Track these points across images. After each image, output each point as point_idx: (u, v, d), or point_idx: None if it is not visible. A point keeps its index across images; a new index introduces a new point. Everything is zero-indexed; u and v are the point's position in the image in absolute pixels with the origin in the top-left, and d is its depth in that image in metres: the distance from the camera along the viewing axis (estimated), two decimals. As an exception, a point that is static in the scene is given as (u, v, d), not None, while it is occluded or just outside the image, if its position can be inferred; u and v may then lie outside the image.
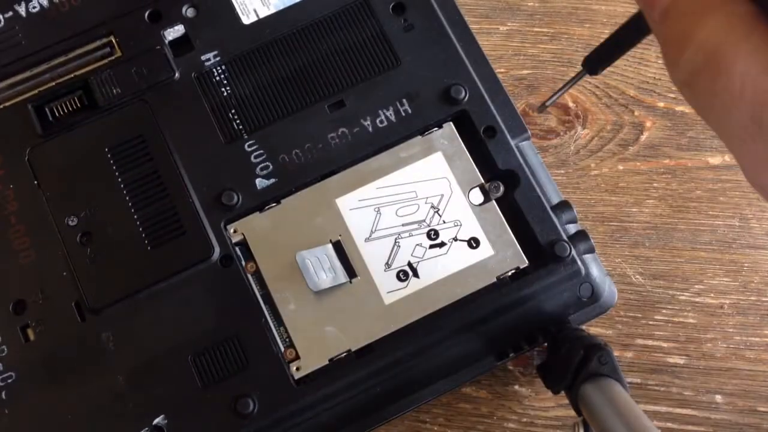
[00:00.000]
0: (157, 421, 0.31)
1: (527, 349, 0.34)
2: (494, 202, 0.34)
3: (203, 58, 0.36)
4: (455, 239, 0.33)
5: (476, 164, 0.34)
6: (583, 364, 0.32)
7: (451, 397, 0.38)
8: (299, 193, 0.34)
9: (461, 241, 0.33)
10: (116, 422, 0.31)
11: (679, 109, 0.42)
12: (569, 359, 0.33)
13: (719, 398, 0.38)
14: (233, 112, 0.35)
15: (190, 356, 0.32)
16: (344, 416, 0.32)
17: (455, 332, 0.33)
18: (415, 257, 0.33)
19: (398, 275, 0.33)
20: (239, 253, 0.33)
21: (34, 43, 0.36)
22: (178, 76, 0.35)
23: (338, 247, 0.33)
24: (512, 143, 0.34)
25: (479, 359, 0.33)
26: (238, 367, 0.32)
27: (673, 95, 0.42)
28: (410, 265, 0.33)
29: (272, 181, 0.34)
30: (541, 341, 0.34)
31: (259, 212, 0.34)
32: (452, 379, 0.33)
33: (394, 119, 0.35)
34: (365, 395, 0.32)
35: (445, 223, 0.33)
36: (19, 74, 0.36)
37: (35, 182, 0.34)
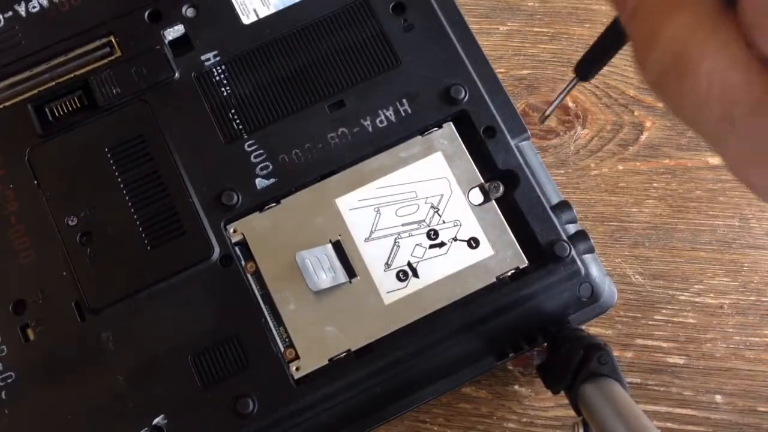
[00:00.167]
0: (157, 421, 0.31)
1: (527, 349, 0.34)
2: (494, 202, 0.34)
3: (203, 58, 0.36)
4: (455, 239, 0.33)
5: (476, 164, 0.34)
6: (582, 364, 0.32)
7: (451, 397, 0.38)
8: (299, 193, 0.34)
9: (461, 241, 0.33)
10: (116, 422, 0.31)
11: (679, 109, 0.42)
12: (569, 359, 0.33)
13: (719, 398, 0.38)
14: (233, 112, 0.35)
15: (190, 356, 0.32)
16: (344, 416, 0.32)
17: (455, 332, 0.33)
18: (414, 257, 0.33)
19: (398, 275, 0.33)
20: (239, 253, 0.33)
21: (34, 43, 0.36)
22: (178, 76, 0.35)
23: (338, 247, 0.33)
24: (512, 143, 0.34)
25: (479, 359, 0.33)
26: (238, 367, 0.32)
27: (673, 95, 0.42)
28: (410, 265, 0.33)
29: (272, 181, 0.34)
30: (540, 341, 0.34)
31: (259, 212, 0.34)
32: (452, 379, 0.33)
33: (394, 119, 0.35)
34: (365, 395, 0.32)
35: (444, 223, 0.33)
36: (19, 74, 0.36)
37: (35, 182, 0.34)
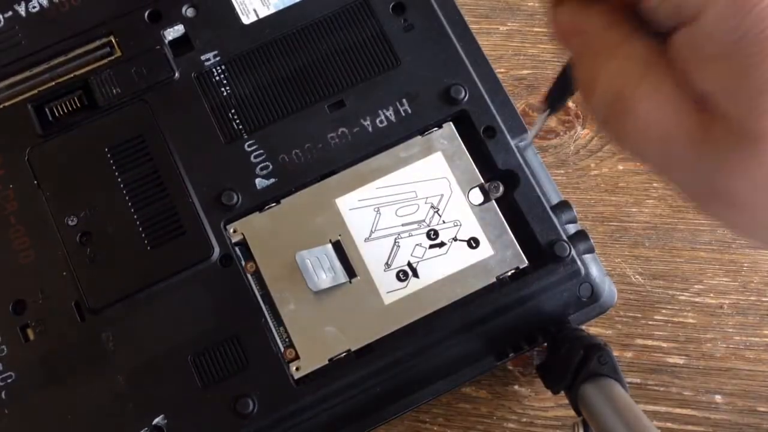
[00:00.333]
0: (157, 421, 0.31)
1: (527, 349, 0.34)
2: (494, 202, 0.34)
3: (203, 58, 0.36)
4: (455, 239, 0.33)
5: (476, 164, 0.34)
6: (582, 364, 0.32)
7: (450, 397, 0.38)
8: (299, 193, 0.34)
9: (461, 241, 0.33)
10: (116, 422, 0.31)
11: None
12: (569, 359, 0.33)
13: (719, 398, 0.38)
14: (233, 112, 0.35)
15: (190, 356, 0.32)
16: (344, 416, 0.32)
17: (455, 332, 0.33)
18: (414, 257, 0.33)
19: (398, 275, 0.33)
20: (239, 253, 0.33)
21: (34, 43, 0.36)
22: (178, 76, 0.35)
23: (338, 247, 0.33)
24: (512, 143, 0.34)
25: (479, 359, 0.33)
26: (238, 367, 0.32)
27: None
28: (410, 265, 0.33)
29: (272, 181, 0.34)
30: (540, 341, 0.34)
31: (258, 212, 0.34)
32: (452, 379, 0.33)
33: (394, 119, 0.35)
34: (365, 395, 0.32)
35: (444, 223, 0.33)
36: (18, 74, 0.35)
37: (35, 182, 0.34)
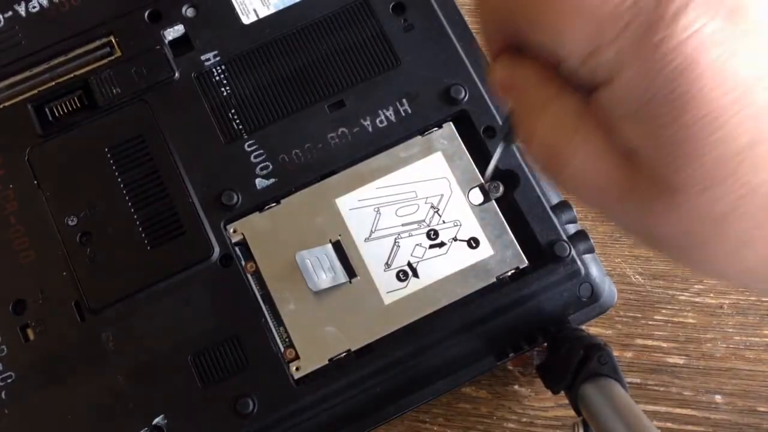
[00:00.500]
0: (157, 421, 0.31)
1: (527, 349, 0.34)
2: (494, 202, 0.34)
3: (203, 58, 0.36)
4: (455, 239, 0.33)
5: (476, 164, 0.34)
6: (582, 364, 0.32)
7: (450, 397, 0.38)
8: (299, 193, 0.34)
9: (461, 241, 0.33)
10: (116, 422, 0.31)
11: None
12: (569, 359, 0.33)
13: (719, 398, 0.38)
14: (233, 112, 0.35)
15: (190, 356, 0.32)
16: (344, 416, 0.32)
17: (455, 332, 0.33)
18: (414, 257, 0.33)
19: (398, 275, 0.33)
20: (239, 253, 0.33)
21: (34, 43, 0.36)
22: (178, 76, 0.35)
23: (338, 247, 0.33)
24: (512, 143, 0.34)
25: (479, 359, 0.33)
26: (238, 367, 0.32)
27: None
28: (410, 265, 0.33)
29: (272, 181, 0.34)
30: (540, 341, 0.34)
31: (258, 212, 0.34)
32: (452, 379, 0.33)
33: (394, 119, 0.35)
34: (365, 395, 0.32)
35: (444, 223, 0.33)
36: (19, 74, 0.36)
37: (35, 182, 0.34)
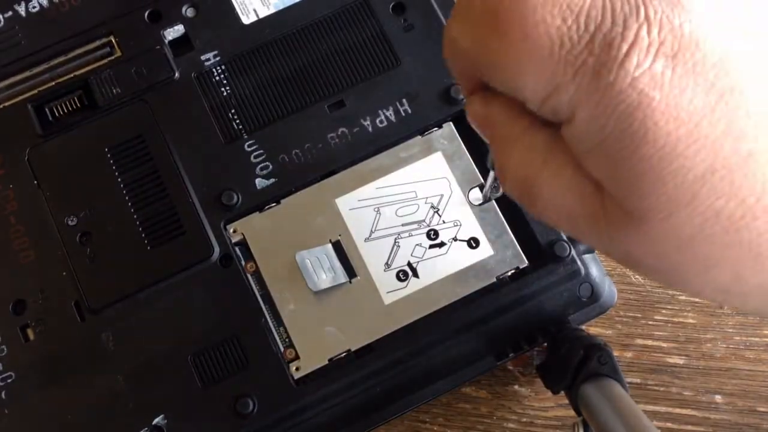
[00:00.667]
0: (157, 421, 0.31)
1: (527, 349, 0.34)
2: (494, 202, 0.34)
3: (203, 58, 0.36)
4: (455, 239, 0.33)
5: (476, 164, 0.34)
6: (582, 364, 0.32)
7: (450, 397, 0.38)
8: (299, 193, 0.34)
9: (461, 241, 0.33)
10: (116, 422, 0.31)
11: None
12: (569, 359, 0.33)
13: (719, 398, 0.38)
14: (233, 112, 0.35)
15: (190, 356, 0.32)
16: (344, 416, 0.32)
17: (455, 332, 0.33)
18: (414, 257, 0.33)
19: (398, 275, 0.33)
20: (239, 253, 0.33)
21: (34, 43, 0.36)
22: (178, 76, 0.35)
23: (338, 246, 0.33)
24: (512, 143, 0.34)
25: (479, 359, 0.33)
26: (238, 367, 0.32)
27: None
28: (410, 265, 0.33)
29: (272, 181, 0.34)
30: (540, 341, 0.34)
31: (258, 212, 0.34)
32: (452, 379, 0.33)
33: (394, 119, 0.35)
34: (365, 395, 0.32)
35: (444, 223, 0.33)
36: (19, 74, 0.36)
37: (35, 182, 0.34)
